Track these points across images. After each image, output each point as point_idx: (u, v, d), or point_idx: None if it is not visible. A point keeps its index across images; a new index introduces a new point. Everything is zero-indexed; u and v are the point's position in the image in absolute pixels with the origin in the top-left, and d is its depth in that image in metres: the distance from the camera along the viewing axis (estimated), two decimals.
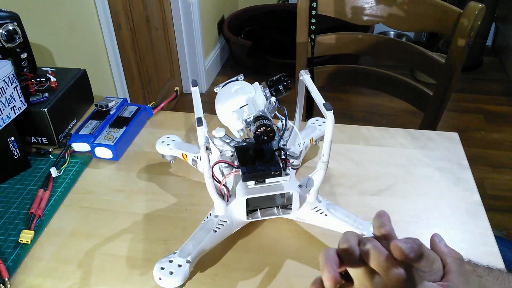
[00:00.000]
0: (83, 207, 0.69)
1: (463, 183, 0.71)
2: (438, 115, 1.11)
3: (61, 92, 0.82)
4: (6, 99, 0.69)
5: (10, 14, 0.78)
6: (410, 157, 0.77)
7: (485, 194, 1.79)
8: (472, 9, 0.94)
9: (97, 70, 1.54)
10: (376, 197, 0.69)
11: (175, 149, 0.73)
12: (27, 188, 0.72)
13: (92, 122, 0.82)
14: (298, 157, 0.70)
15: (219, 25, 2.74)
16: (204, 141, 0.51)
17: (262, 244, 0.62)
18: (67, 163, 0.77)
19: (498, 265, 0.58)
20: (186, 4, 2.21)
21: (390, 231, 0.41)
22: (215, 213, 0.60)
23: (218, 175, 0.62)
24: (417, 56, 1.10)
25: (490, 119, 2.27)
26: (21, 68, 0.82)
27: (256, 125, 0.56)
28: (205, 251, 0.57)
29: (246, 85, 0.62)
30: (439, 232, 0.63)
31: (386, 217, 0.42)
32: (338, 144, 0.80)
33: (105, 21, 1.51)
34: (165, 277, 0.52)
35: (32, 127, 0.80)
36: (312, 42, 1.19)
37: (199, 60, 2.41)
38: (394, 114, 2.32)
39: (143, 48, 1.97)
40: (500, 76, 2.65)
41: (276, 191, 0.58)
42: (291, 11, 2.81)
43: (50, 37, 1.23)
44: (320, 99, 0.54)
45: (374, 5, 1.10)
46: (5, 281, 0.56)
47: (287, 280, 0.57)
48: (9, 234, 0.64)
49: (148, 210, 0.68)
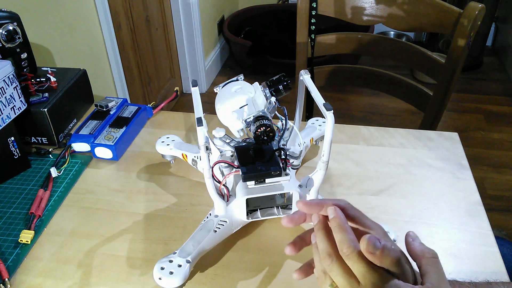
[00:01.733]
0: (83, 207, 0.69)
1: (463, 183, 0.71)
2: (438, 115, 1.11)
3: (61, 92, 0.82)
4: (6, 99, 0.69)
5: (10, 14, 0.78)
6: (410, 157, 0.77)
7: (485, 194, 1.79)
8: (472, 9, 0.94)
9: (97, 70, 1.54)
10: (376, 197, 0.69)
11: (175, 149, 0.73)
12: (27, 188, 0.72)
13: (92, 122, 0.82)
14: (298, 157, 0.70)
15: (219, 25, 2.74)
16: (204, 141, 0.51)
17: (262, 244, 0.62)
18: (67, 163, 0.77)
19: (499, 265, 0.58)
20: (186, 4, 2.21)
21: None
22: (215, 213, 0.60)
23: (218, 175, 0.62)
24: (417, 56, 1.11)
25: (490, 119, 2.27)
26: (21, 68, 0.82)
27: (256, 125, 0.56)
28: (205, 251, 0.57)
29: (246, 85, 0.62)
30: (439, 232, 0.63)
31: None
32: (338, 144, 0.80)
33: (105, 21, 1.51)
34: (165, 277, 0.52)
35: (32, 127, 0.80)
36: (312, 42, 1.19)
37: (199, 60, 2.41)
38: (394, 114, 2.32)
39: (143, 48, 1.97)
40: (500, 76, 2.65)
41: (276, 191, 0.58)
42: (291, 11, 2.81)
43: (50, 37, 1.23)
44: (320, 99, 0.54)
45: (374, 5, 1.10)
46: (5, 281, 0.56)
47: (287, 280, 0.57)
48: (9, 234, 0.64)
49: (148, 210, 0.68)
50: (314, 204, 0.45)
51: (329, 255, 0.41)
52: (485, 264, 0.58)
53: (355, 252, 0.39)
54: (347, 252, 0.39)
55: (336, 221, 0.42)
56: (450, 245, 0.61)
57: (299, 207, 0.45)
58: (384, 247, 0.38)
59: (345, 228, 0.41)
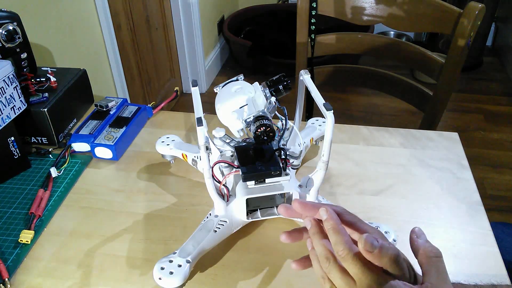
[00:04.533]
0: (83, 207, 0.69)
1: (463, 183, 0.71)
2: (438, 115, 1.11)
3: (61, 92, 0.82)
4: (6, 99, 0.69)
5: (10, 14, 0.78)
6: (410, 157, 0.77)
7: (485, 194, 1.79)
8: (472, 9, 0.94)
9: (97, 70, 1.54)
10: (376, 197, 0.69)
11: (175, 149, 0.73)
12: (27, 188, 0.72)
13: (92, 122, 0.82)
14: (298, 157, 0.70)
15: (219, 25, 2.74)
16: (204, 141, 0.51)
17: (262, 244, 0.62)
18: (67, 163, 0.77)
19: (499, 265, 0.58)
20: (186, 4, 2.21)
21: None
22: (215, 213, 0.60)
23: (218, 175, 0.62)
24: (417, 56, 1.10)
25: (490, 119, 2.27)
26: (21, 68, 0.82)
27: (256, 125, 0.56)
28: (205, 251, 0.57)
29: (246, 85, 0.62)
30: (439, 232, 0.63)
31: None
32: (338, 144, 0.80)
33: (105, 21, 1.51)
34: (165, 277, 0.52)
35: (32, 127, 0.80)
36: (312, 42, 1.19)
37: (199, 60, 2.41)
38: (394, 114, 2.32)
39: (143, 48, 1.97)
40: (500, 76, 2.65)
41: (276, 191, 0.58)
42: (291, 11, 2.81)
43: (50, 37, 1.23)
44: (320, 99, 0.54)
45: (374, 5, 1.10)
46: (5, 281, 0.56)
47: (287, 280, 0.57)
48: (9, 234, 0.64)
49: (148, 210, 0.68)
50: (309, 206, 0.45)
51: (327, 258, 0.41)
52: (485, 264, 0.58)
53: (350, 254, 0.39)
54: (342, 253, 0.39)
55: (330, 222, 0.42)
56: (450, 245, 0.61)
57: (295, 206, 0.46)
58: (382, 246, 0.38)
59: (339, 229, 0.41)
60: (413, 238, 0.44)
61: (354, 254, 0.39)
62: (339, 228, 0.41)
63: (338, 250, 0.40)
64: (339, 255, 0.40)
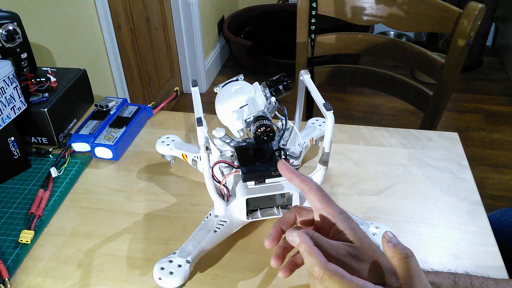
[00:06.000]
0: (83, 207, 0.69)
1: (463, 183, 0.71)
2: (438, 115, 1.11)
3: (61, 92, 0.82)
4: (6, 99, 0.69)
5: (10, 14, 0.78)
6: (410, 157, 0.77)
7: (485, 194, 1.79)
8: (472, 9, 0.94)
9: (97, 70, 1.55)
10: (376, 197, 0.69)
11: (175, 149, 0.73)
12: (27, 188, 0.72)
13: (92, 122, 0.82)
14: (298, 157, 0.70)
15: (219, 25, 2.74)
16: (204, 141, 0.51)
17: (262, 244, 0.62)
18: (67, 163, 0.77)
19: (499, 265, 0.58)
20: (186, 4, 2.21)
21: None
22: (215, 213, 0.60)
23: (218, 175, 0.62)
24: (417, 56, 1.11)
25: (490, 119, 2.27)
26: (21, 68, 0.82)
27: (256, 125, 0.56)
28: (205, 251, 0.57)
29: (246, 85, 0.62)
30: (439, 232, 0.63)
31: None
32: (338, 144, 0.80)
33: (105, 21, 1.51)
34: (165, 277, 0.52)
35: (32, 127, 0.80)
36: (312, 42, 1.19)
37: (199, 60, 2.41)
38: (394, 114, 2.32)
39: (143, 48, 1.97)
40: (500, 76, 2.65)
41: (276, 191, 0.58)
42: (291, 11, 2.81)
43: (50, 37, 1.23)
44: (320, 99, 0.54)
45: (374, 5, 1.10)
46: (5, 281, 0.56)
47: (287, 280, 0.57)
48: (9, 234, 0.64)
49: (148, 210, 0.68)
50: (292, 173, 0.50)
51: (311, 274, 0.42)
52: (485, 264, 0.58)
53: (326, 273, 0.40)
54: (319, 274, 0.40)
55: (303, 246, 0.42)
56: (450, 245, 0.61)
57: (280, 167, 0.51)
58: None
59: (312, 251, 0.41)
60: (384, 243, 0.44)
61: (330, 271, 0.40)
62: (312, 250, 0.41)
63: (314, 272, 0.40)
64: (316, 277, 0.40)
